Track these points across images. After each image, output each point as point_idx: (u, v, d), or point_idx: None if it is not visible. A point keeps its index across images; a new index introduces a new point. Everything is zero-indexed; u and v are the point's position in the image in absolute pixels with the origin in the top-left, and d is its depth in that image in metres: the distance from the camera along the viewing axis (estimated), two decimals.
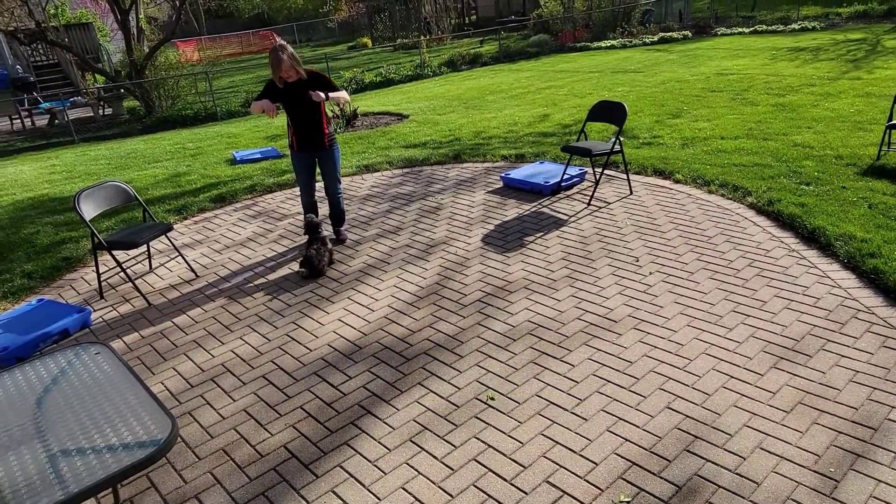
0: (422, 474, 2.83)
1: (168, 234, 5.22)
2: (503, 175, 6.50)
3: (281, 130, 10.68)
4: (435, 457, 2.92)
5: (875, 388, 3.08)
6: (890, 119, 6.17)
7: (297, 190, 7.10)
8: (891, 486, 2.53)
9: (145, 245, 5.12)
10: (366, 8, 31.77)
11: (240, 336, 4.12)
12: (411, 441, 3.03)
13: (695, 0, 24.54)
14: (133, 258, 5.47)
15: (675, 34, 18.66)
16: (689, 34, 18.76)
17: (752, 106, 8.95)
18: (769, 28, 18.03)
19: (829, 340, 3.49)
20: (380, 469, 2.88)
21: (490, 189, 6.45)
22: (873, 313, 3.70)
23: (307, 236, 4.95)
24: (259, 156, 8.79)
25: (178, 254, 5.25)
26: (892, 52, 12.52)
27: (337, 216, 5.45)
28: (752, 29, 18.30)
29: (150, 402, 2.23)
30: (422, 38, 21.05)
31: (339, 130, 10.21)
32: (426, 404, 3.29)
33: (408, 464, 2.90)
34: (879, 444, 2.74)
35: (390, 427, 3.15)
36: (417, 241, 5.33)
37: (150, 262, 5.30)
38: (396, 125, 10.26)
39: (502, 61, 18.27)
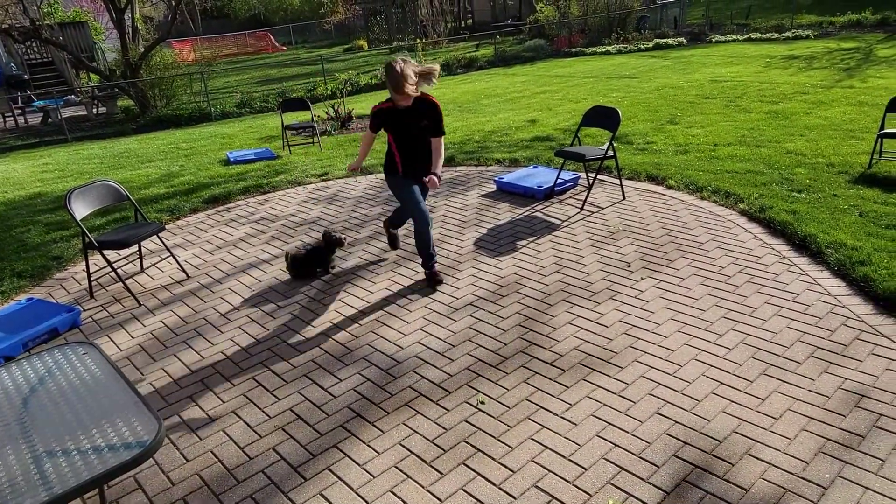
0: (410, 478, 2.82)
1: (160, 235, 5.19)
2: (497, 179, 6.51)
3: (275, 132, 10.66)
4: (424, 460, 2.91)
5: (863, 396, 3.09)
6: (882, 128, 6.22)
7: (291, 191, 7.08)
8: (878, 493, 2.54)
9: (136, 245, 5.09)
10: (362, 10, 31.77)
11: (230, 337, 4.10)
12: (400, 444, 3.03)
13: (690, 7, 24.66)
14: (124, 258, 5.45)
15: (670, 40, 18.74)
16: (684, 41, 18.84)
17: (745, 113, 8.99)
18: (763, 36, 18.12)
19: (818, 348, 3.50)
20: (368, 472, 2.87)
21: (483, 192, 6.45)
22: (863, 321, 3.72)
23: (324, 242, 4.84)
24: (253, 157, 8.77)
25: (169, 254, 5.23)
26: (884, 62, 12.61)
27: (403, 222, 5.05)
28: (746, 36, 18.39)
29: (137, 403, 2.22)
30: (418, 41, 21.07)
31: (332, 132, 10.20)
32: (416, 408, 3.28)
33: (397, 467, 2.89)
34: (867, 452, 2.75)
35: (379, 430, 3.14)
36: (410, 244, 5.32)
37: (141, 262, 5.28)
38: None
39: (498, 65, 18.30)
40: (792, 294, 4.06)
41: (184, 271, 5.11)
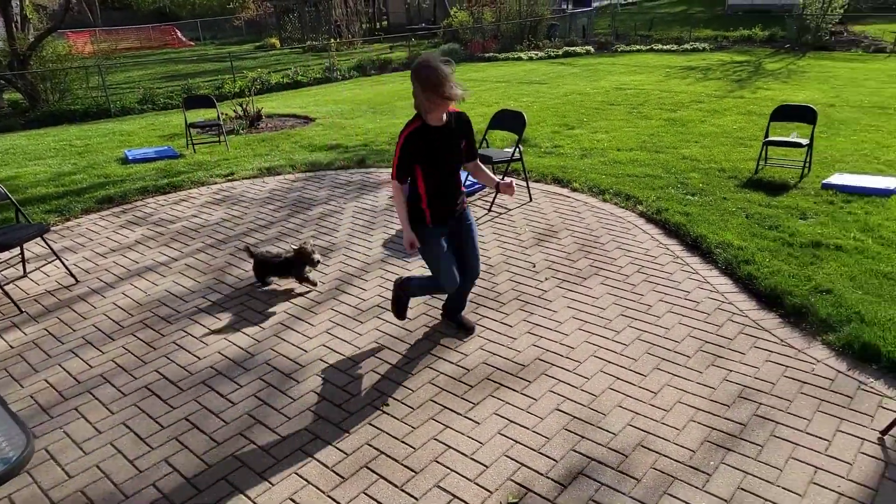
0: (311, 483, 2.75)
1: (45, 237, 4.85)
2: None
3: (179, 129, 10.20)
4: (325, 465, 2.86)
5: (746, 387, 3.29)
6: (766, 136, 6.66)
7: (194, 192, 6.79)
8: (756, 477, 2.70)
9: (18, 248, 4.73)
10: (274, 8, 31.02)
11: (122, 345, 3.88)
12: (301, 450, 2.95)
13: (597, 17, 25.60)
14: (4, 262, 5.05)
15: (578, 49, 19.37)
16: (592, 49, 19.52)
17: (646, 120, 9.41)
18: (664, 47, 19.04)
19: (706, 342, 3.69)
20: (267, 480, 2.78)
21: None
22: (747, 316, 3.96)
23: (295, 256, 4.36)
24: (154, 155, 8.36)
25: (56, 257, 4.89)
26: (771, 75, 13.54)
27: (462, 301, 3.89)
28: (648, 47, 19.27)
29: (4, 418, 2.05)
30: (332, 41, 20.79)
31: (240, 132, 9.89)
32: (318, 412, 3.21)
33: (297, 474, 2.81)
34: (747, 439, 2.92)
35: (279, 436, 3.05)
36: (317, 245, 5.22)
37: (24, 265, 4.91)
38: (302, 128, 10.06)
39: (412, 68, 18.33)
40: (684, 292, 4.27)
41: (72, 276, 4.80)
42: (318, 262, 4.40)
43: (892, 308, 3.80)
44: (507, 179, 3.43)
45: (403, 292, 3.76)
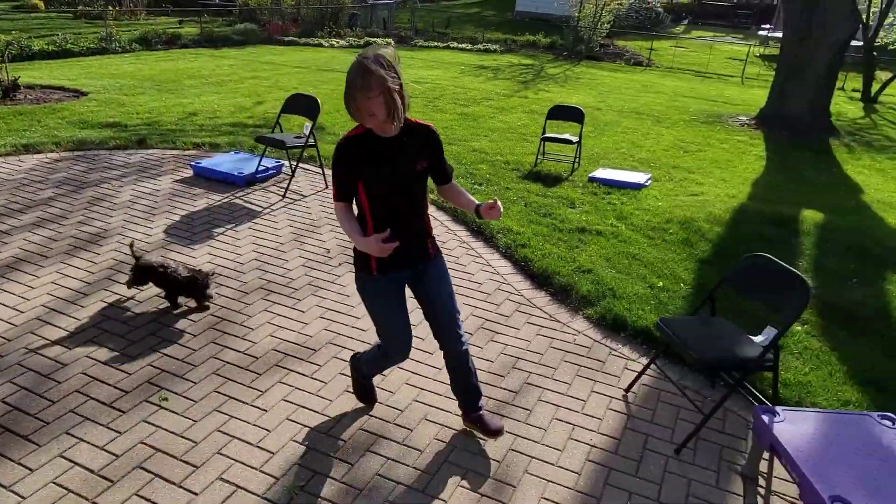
0: (72, 492, 2.50)
1: None
2: (194, 164, 6.11)
3: None
4: (90, 470, 2.61)
5: (519, 358, 3.60)
6: (543, 132, 7.29)
7: None
8: (525, 438, 2.98)
9: None
10: None
11: None
12: (61, 457, 2.66)
13: (398, 11, 26.04)
14: None
15: (379, 40, 19.56)
16: (392, 42, 19.84)
17: (441, 113, 9.80)
18: (460, 46, 19.96)
19: (487, 320, 3.98)
20: (17, 494, 2.47)
21: (178, 178, 6.00)
22: (522, 295, 4.33)
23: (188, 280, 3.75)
24: None
25: None
26: (551, 78, 14.83)
27: (469, 387, 2.92)
28: (445, 45, 20.06)
29: None
30: (109, 8, 18.75)
31: None
32: (83, 413, 2.92)
33: (55, 483, 2.54)
34: (518, 405, 3.21)
35: (35, 444, 2.72)
36: (85, 231, 4.71)
37: None
38: (71, 102, 8.95)
39: (204, 45, 17.17)
40: (469, 274, 4.55)
41: None
42: (210, 297, 3.86)
43: (637, 284, 4.40)
44: (490, 201, 2.66)
45: (359, 373, 3.07)
